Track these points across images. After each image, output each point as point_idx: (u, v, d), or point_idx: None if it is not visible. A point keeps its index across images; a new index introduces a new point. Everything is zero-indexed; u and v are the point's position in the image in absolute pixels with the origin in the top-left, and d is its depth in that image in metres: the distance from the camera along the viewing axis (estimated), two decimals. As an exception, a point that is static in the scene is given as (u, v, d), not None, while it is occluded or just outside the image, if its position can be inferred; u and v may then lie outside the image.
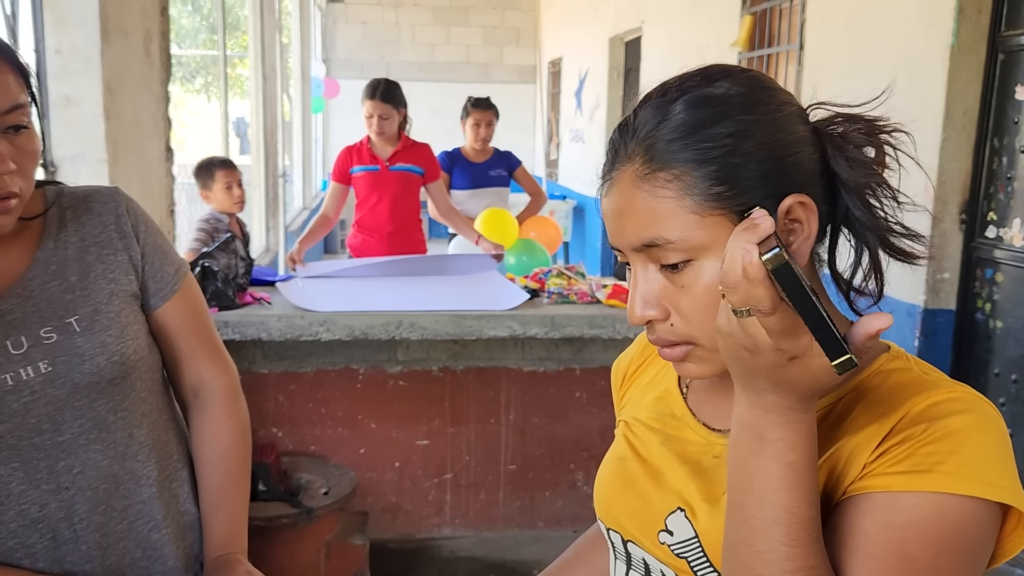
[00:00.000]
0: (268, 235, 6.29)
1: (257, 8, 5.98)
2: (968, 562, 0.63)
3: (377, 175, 3.59)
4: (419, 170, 3.63)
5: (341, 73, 11.00)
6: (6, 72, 0.94)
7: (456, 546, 2.85)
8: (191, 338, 1.19)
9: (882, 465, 0.65)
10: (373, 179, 3.60)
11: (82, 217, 1.10)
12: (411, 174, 3.62)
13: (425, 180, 3.66)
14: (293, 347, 2.64)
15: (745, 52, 4.87)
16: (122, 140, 2.45)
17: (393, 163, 3.59)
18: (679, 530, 0.76)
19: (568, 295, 2.74)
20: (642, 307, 0.72)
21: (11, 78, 0.95)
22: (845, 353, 0.57)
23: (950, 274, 3.22)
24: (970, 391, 0.68)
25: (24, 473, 1.01)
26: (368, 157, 3.59)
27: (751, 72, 0.73)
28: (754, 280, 0.57)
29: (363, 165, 3.60)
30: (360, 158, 3.60)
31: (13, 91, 0.94)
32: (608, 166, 0.74)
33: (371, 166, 3.59)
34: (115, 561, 1.08)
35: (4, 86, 0.93)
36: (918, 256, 0.73)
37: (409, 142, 3.65)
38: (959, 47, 3.07)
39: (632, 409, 0.90)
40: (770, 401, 0.63)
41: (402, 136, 3.63)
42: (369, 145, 3.61)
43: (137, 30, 2.60)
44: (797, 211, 0.68)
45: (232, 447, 1.20)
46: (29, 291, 1.04)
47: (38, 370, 1.01)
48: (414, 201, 3.71)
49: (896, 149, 0.73)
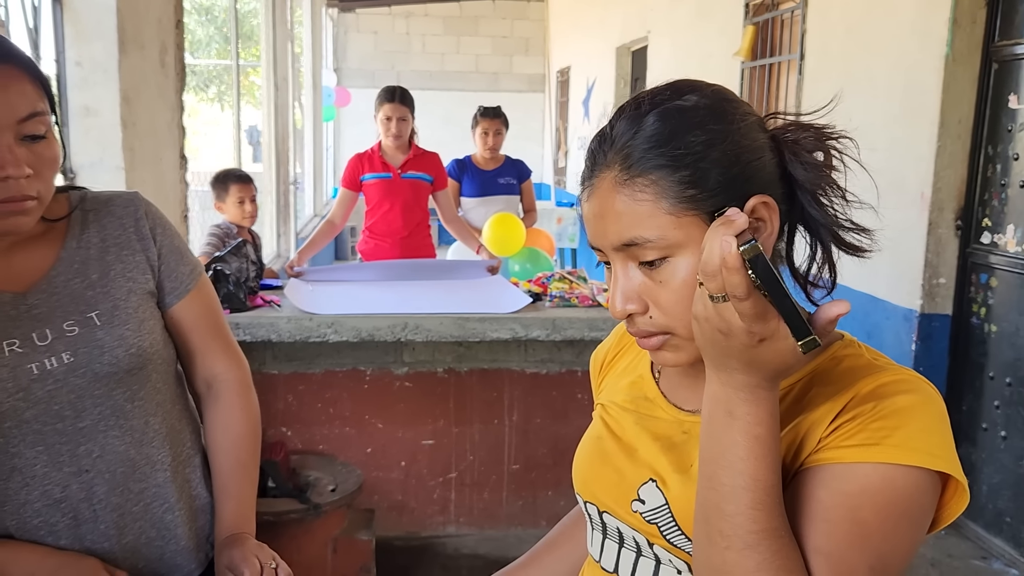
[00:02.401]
0: (279, 241, 6.38)
1: (270, 18, 6.08)
2: (913, 525, 0.71)
3: (389, 183, 3.66)
4: (429, 178, 3.70)
5: (352, 82, 11.12)
6: (24, 81, 1.01)
7: (460, 544, 2.91)
8: (204, 334, 1.26)
9: (836, 439, 0.72)
10: (386, 186, 3.66)
11: (104, 219, 1.17)
12: (422, 182, 3.69)
13: (434, 188, 3.73)
14: (302, 348, 2.72)
15: (748, 61, 4.94)
16: (138, 148, 2.53)
17: (405, 171, 3.66)
18: (650, 499, 0.82)
19: (570, 299, 2.80)
20: (623, 302, 0.78)
21: (29, 87, 1.01)
22: (810, 335, 0.64)
23: (946, 279, 3.27)
24: (914, 374, 0.76)
25: (48, 456, 1.09)
26: (380, 165, 3.65)
27: (715, 86, 0.80)
28: (731, 268, 0.64)
29: (375, 172, 3.66)
30: (372, 166, 3.66)
31: (31, 99, 1.01)
32: (588, 173, 0.80)
33: (383, 173, 3.65)
34: (131, 540, 1.15)
35: (22, 95, 1.00)
36: (866, 250, 0.79)
37: (419, 151, 3.72)
38: (954, 57, 3.13)
39: (609, 393, 0.97)
40: (740, 380, 0.69)
41: (412, 145, 3.70)
42: (380, 153, 3.67)
43: (153, 42, 2.69)
44: (761, 210, 0.75)
45: (243, 436, 1.27)
46: (53, 287, 1.11)
47: (61, 360, 1.08)
48: (424, 208, 3.78)
49: (843, 153, 0.79)
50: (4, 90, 0.98)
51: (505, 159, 4.47)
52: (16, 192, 1.00)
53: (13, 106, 0.99)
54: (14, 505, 1.09)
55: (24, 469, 1.08)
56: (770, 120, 0.81)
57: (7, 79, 0.99)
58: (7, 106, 0.98)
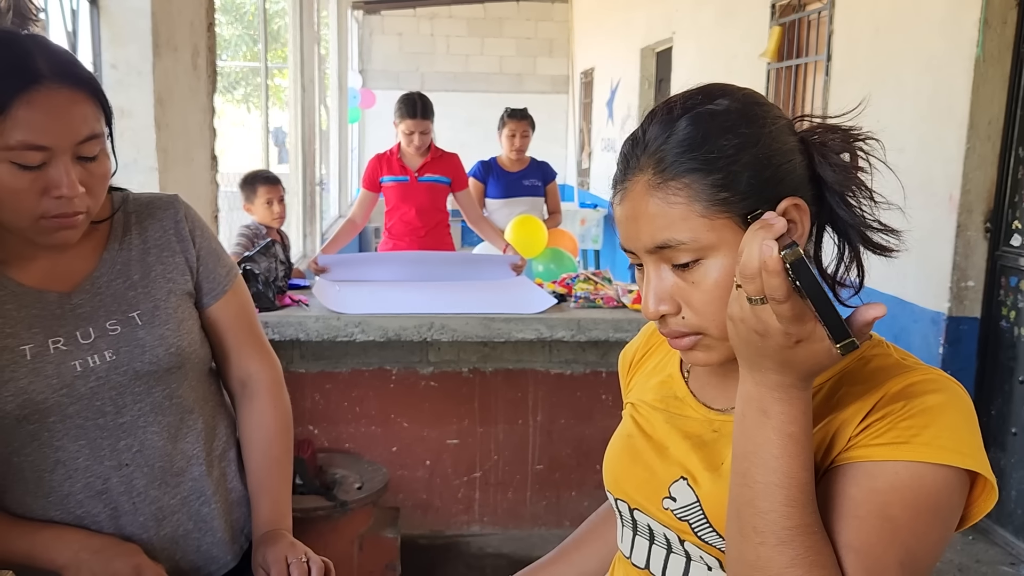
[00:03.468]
0: (305, 241, 6.44)
1: (297, 21, 6.14)
2: (942, 522, 0.72)
3: (406, 186, 3.70)
4: (446, 180, 3.72)
5: (377, 84, 11.18)
6: (86, 103, 1.04)
7: (484, 543, 2.93)
8: (239, 334, 1.29)
9: (866, 438, 0.73)
10: (402, 190, 3.70)
11: (145, 222, 1.21)
12: (439, 184, 3.71)
13: (453, 189, 3.76)
14: (329, 348, 2.75)
15: (773, 63, 4.92)
16: (171, 149, 2.57)
17: (422, 174, 3.69)
18: (682, 496, 0.84)
19: (595, 299, 2.81)
20: (656, 303, 0.80)
21: (90, 109, 1.05)
22: (849, 337, 0.65)
23: (975, 282, 3.24)
24: (942, 374, 0.77)
25: (90, 450, 1.12)
26: (398, 168, 3.69)
27: (746, 90, 0.81)
28: (772, 272, 0.65)
29: (393, 176, 3.70)
30: (390, 168, 3.70)
31: (90, 123, 1.04)
32: (620, 176, 0.82)
33: (400, 177, 3.69)
34: (169, 532, 1.18)
35: (82, 118, 1.03)
36: (894, 250, 0.80)
37: (438, 152, 3.73)
38: (984, 58, 3.10)
39: (638, 392, 0.98)
40: (774, 380, 0.70)
41: (431, 147, 3.71)
42: (399, 155, 3.70)
43: (186, 45, 2.74)
44: (792, 212, 0.76)
45: (277, 433, 1.30)
46: (97, 288, 1.15)
47: (103, 358, 1.12)
48: (442, 210, 3.81)
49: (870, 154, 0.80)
50: (67, 113, 1.02)
51: (530, 161, 4.49)
52: (68, 209, 1.04)
53: (75, 129, 1.02)
54: (58, 496, 1.12)
55: (67, 462, 1.12)
56: (798, 122, 0.82)
57: (71, 102, 1.02)
58: (69, 129, 1.02)
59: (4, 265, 1.11)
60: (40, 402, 1.08)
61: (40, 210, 1.03)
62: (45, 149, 1.00)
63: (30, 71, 0.99)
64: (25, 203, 1.01)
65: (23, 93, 0.98)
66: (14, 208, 1.02)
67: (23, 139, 0.98)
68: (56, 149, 1.01)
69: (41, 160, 1.00)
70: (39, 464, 1.11)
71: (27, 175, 1.00)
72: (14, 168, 1.00)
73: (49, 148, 1.00)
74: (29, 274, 1.12)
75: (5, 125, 0.98)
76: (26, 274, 1.12)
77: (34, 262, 1.12)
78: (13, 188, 1.00)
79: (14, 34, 1.06)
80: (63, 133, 1.01)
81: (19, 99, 0.98)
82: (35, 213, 1.03)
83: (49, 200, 1.02)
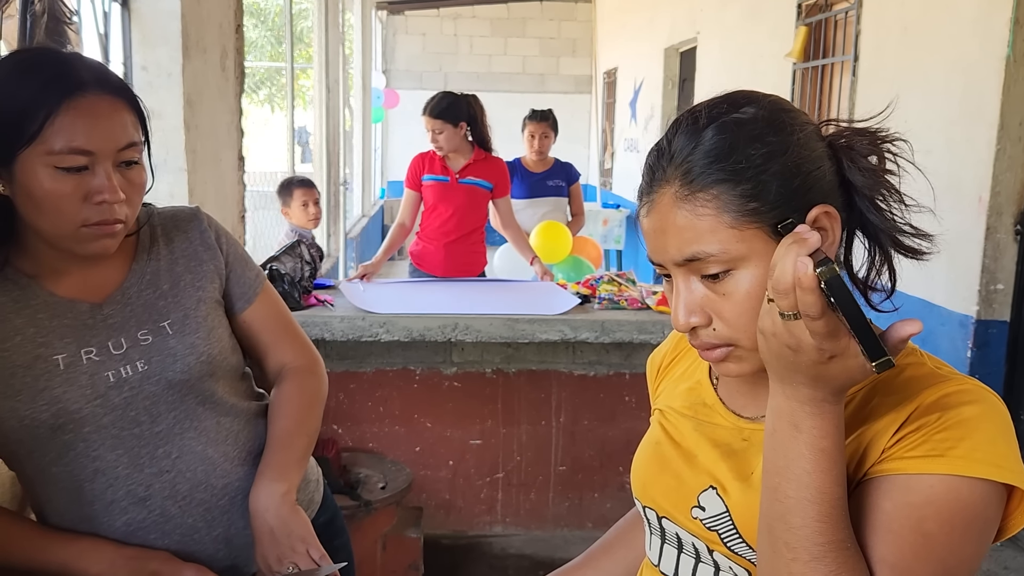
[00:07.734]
0: (329, 241, 6.48)
1: (322, 22, 6.18)
2: (977, 537, 0.70)
3: (445, 186, 3.54)
4: (488, 185, 3.55)
5: (400, 84, 11.23)
6: (125, 112, 1.08)
7: (507, 544, 2.93)
8: (275, 331, 1.31)
9: (900, 450, 0.72)
10: (441, 190, 3.54)
11: (171, 233, 1.24)
12: (479, 188, 3.55)
13: (494, 195, 3.59)
14: (354, 347, 2.76)
15: (800, 63, 4.88)
16: (200, 150, 2.60)
17: (463, 176, 3.53)
18: (711, 506, 0.83)
19: (619, 301, 2.80)
20: (686, 315, 0.79)
21: (128, 118, 1.09)
22: (885, 355, 0.64)
23: (1004, 285, 3.20)
24: (978, 384, 0.75)
25: (128, 459, 1.13)
26: (439, 167, 3.54)
27: (772, 97, 0.80)
28: (807, 289, 0.63)
29: (433, 175, 3.55)
30: (432, 167, 3.55)
31: (129, 130, 1.08)
32: (647, 187, 0.80)
33: (441, 176, 3.54)
34: (222, 532, 1.19)
35: (123, 126, 1.07)
36: (926, 253, 0.79)
37: (482, 155, 3.56)
38: (1015, 58, 3.06)
39: (666, 399, 0.98)
40: (805, 394, 0.69)
41: (475, 149, 3.56)
42: (442, 155, 3.55)
43: (215, 47, 2.76)
44: (823, 220, 0.75)
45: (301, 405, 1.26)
46: (127, 298, 1.17)
47: (136, 368, 1.13)
48: (480, 215, 3.63)
49: (898, 156, 0.79)
50: (108, 120, 1.06)
51: (554, 162, 4.47)
52: (109, 215, 1.06)
53: (115, 136, 1.06)
54: (102, 504, 1.14)
55: (107, 471, 1.13)
56: (824, 127, 0.81)
57: (112, 110, 1.06)
58: (110, 136, 1.05)
59: (37, 278, 1.13)
60: (74, 412, 1.10)
61: (82, 217, 1.05)
62: (89, 153, 1.03)
63: (73, 80, 1.04)
64: (68, 209, 1.04)
65: (68, 99, 1.02)
66: (57, 214, 1.04)
67: (67, 143, 1.02)
68: (99, 154, 1.04)
69: (84, 164, 1.04)
70: (78, 474, 1.12)
71: (71, 180, 1.03)
72: (58, 173, 1.03)
73: (93, 152, 1.04)
74: (61, 286, 1.14)
75: (50, 131, 1.01)
76: (58, 286, 1.14)
77: (66, 275, 1.14)
78: (57, 193, 1.03)
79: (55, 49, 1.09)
80: (106, 138, 1.05)
81: (64, 105, 1.02)
82: (77, 220, 1.05)
83: (90, 207, 1.05)
